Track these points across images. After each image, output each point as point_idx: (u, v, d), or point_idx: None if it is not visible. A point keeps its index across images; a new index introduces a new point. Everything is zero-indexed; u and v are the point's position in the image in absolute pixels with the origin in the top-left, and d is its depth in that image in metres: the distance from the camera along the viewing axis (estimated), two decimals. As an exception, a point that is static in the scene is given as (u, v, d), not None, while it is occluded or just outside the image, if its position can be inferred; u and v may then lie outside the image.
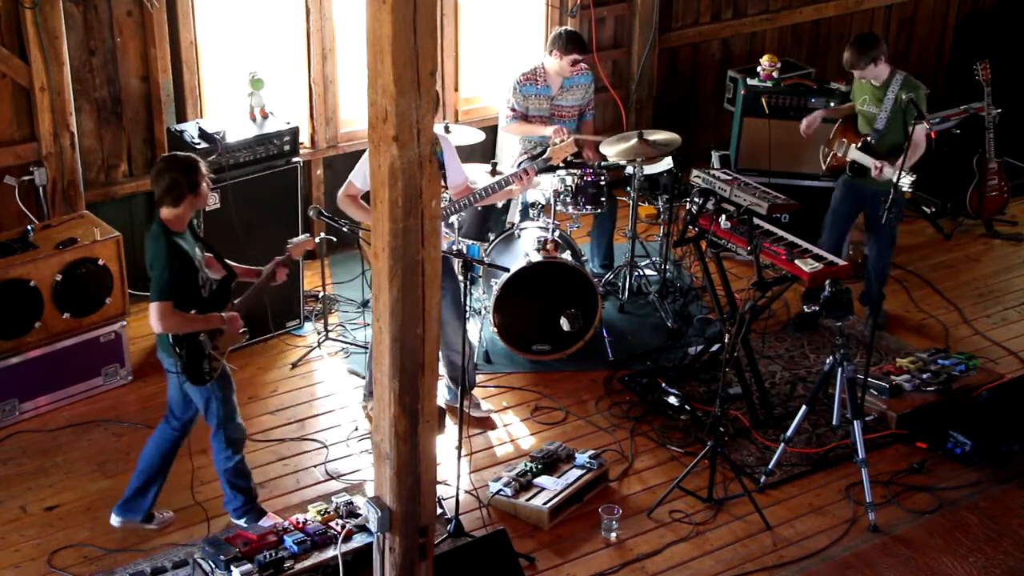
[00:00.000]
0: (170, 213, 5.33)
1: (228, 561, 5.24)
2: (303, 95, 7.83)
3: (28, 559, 5.68)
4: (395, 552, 4.54)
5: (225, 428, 5.64)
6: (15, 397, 6.51)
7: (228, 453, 5.70)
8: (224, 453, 5.70)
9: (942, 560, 5.83)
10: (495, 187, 6.52)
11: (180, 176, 5.28)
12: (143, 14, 7.15)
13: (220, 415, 5.60)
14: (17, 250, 6.52)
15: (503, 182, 6.54)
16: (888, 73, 7.06)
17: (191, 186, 5.31)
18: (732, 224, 6.61)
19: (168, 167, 5.32)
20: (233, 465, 5.73)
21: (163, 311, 5.28)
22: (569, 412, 6.80)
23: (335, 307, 7.65)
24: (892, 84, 7.02)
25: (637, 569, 5.75)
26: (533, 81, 7.66)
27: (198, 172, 5.35)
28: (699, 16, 9.28)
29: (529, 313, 7.03)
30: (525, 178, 6.58)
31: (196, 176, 5.33)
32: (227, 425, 5.64)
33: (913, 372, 6.92)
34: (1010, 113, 9.14)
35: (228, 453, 5.70)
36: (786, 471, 6.34)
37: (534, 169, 6.70)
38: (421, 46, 3.90)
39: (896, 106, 7.00)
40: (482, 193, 6.50)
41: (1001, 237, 8.82)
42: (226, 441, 5.67)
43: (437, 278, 4.27)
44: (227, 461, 5.72)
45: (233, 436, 5.68)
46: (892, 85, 7.02)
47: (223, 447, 5.69)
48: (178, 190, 5.28)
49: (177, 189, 5.28)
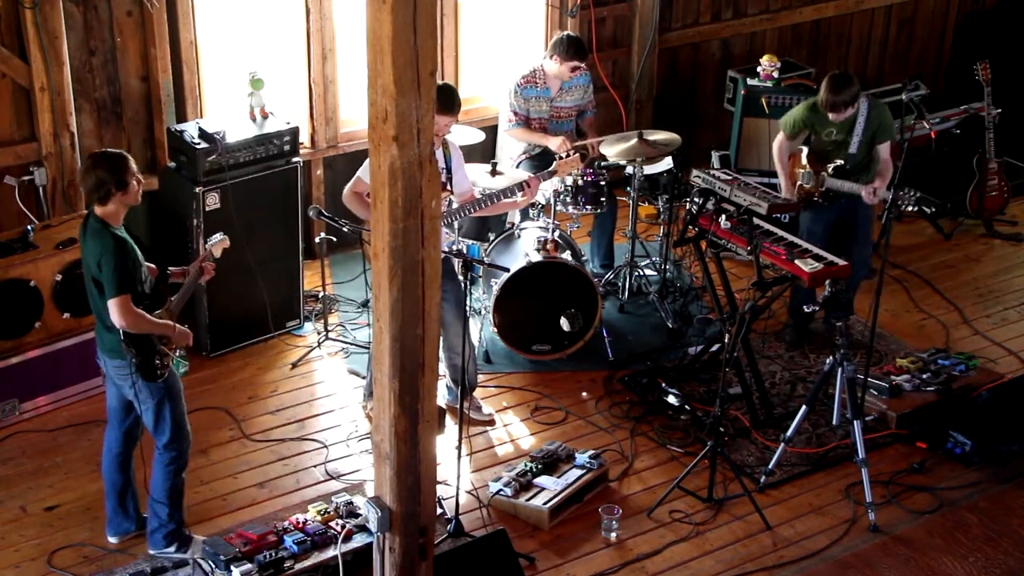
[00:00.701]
0: (103, 211, 5.25)
1: (228, 561, 5.25)
2: (303, 95, 7.83)
3: (28, 559, 5.68)
4: (395, 552, 4.54)
5: (175, 437, 5.46)
6: (15, 397, 6.51)
7: (174, 468, 5.50)
8: (170, 468, 5.49)
9: (942, 560, 5.83)
10: (498, 196, 6.52)
11: (106, 175, 5.18)
12: (143, 14, 7.15)
13: (172, 422, 5.42)
14: (17, 250, 6.52)
15: (508, 192, 6.55)
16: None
17: (119, 184, 5.20)
18: (732, 224, 6.61)
19: (95, 165, 5.22)
20: (178, 483, 5.54)
21: (125, 305, 5.17)
22: (569, 412, 6.80)
23: (335, 307, 7.65)
24: (860, 111, 6.99)
25: (637, 569, 5.75)
26: (532, 83, 7.66)
27: (126, 170, 5.23)
28: (699, 16, 9.28)
29: (529, 313, 7.03)
30: (528, 191, 6.60)
31: (124, 175, 5.22)
32: (177, 433, 5.47)
33: (913, 372, 6.92)
34: (1010, 113, 9.14)
35: (174, 468, 5.50)
36: (786, 471, 6.34)
37: (538, 181, 6.73)
38: (421, 46, 3.90)
39: (868, 129, 7.00)
40: (485, 202, 6.50)
41: (1001, 237, 8.82)
42: (175, 455, 5.48)
43: (437, 278, 4.28)
44: (173, 477, 5.51)
45: (181, 447, 5.50)
46: (860, 113, 6.99)
47: (169, 461, 5.49)
48: (104, 188, 5.18)
49: (103, 187, 5.18)
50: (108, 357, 5.42)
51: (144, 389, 5.38)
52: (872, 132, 7.00)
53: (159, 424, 5.45)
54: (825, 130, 7.07)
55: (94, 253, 5.23)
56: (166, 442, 5.48)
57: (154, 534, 5.60)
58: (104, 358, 5.46)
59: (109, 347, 5.39)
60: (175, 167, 6.94)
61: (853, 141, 7.01)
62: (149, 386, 5.38)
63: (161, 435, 5.47)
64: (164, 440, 5.48)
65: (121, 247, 5.21)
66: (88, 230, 5.28)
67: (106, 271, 5.18)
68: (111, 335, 5.34)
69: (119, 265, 5.17)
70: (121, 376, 5.42)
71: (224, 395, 6.84)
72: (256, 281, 7.01)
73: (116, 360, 5.38)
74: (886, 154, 7.03)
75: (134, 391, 5.37)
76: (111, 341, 5.35)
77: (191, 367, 6.96)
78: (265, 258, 7.05)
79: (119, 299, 5.18)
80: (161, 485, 5.53)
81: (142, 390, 5.38)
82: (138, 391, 5.38)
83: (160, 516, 5.57)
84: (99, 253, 5.20)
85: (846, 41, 9.97)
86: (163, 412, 5.44)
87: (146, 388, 5.38)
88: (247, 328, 7.20)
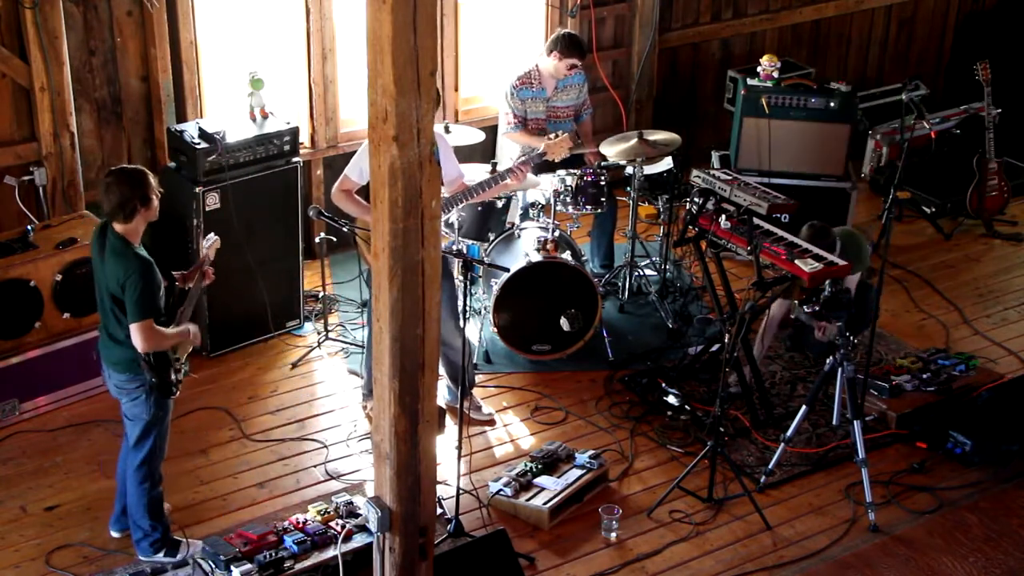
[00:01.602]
0: (124, 228, 5.16)
1: (228, 561, 5.25)
2: (303, 95, 7.83)
3: (28, 559, 5.68)
4: (395, 552, 4.54)
5: (150, 457, 5.42)
6: (15, 397, 6.51)
7: (148, 485, 5.46)
8: (145, 486, 5.44)
9: (942, 560, 5.83)
10: (490, 183, 6.52)
11: (129, 191, 5.11)
12: (143, 14, 7.15)
13: (153, 442, 5.39)
14: (17, 250, 6.52)
15: (498, 177, 6.55)
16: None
17: (143, 200, 5.15)
18: (732, 224, 6.60)
19: (117, 181, 5.12)
20: (156, 496, 5.50)
21: (149, 329, 5.11)
22: (569, 412, 6.80)
23: (335, 307, 7.65)
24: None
25: (637, 569, 5.75)
26: (528, 84, 7.66)
27: (148, 185, 5.17)
28: (699, 16, 9.28)
29: (529, 313, 7.03)
30: (520, 173, 6.58)
31: (147, 190, 5.16)
32: (154, 454, 5.43)
33: (913, 372, 6.92)
34: (1010, 113, 9.14)
35: (148, 485, 5.46)
36: (786, 471, 6.34)
37: (529, 164, 6.71)
38: (421, 46, 3.90)
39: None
40: (478, 189, 6.49)
41: (1001, 237, 8.82)
42: (147, 472, 5.43)
43: (437, 278, 4.28)
44: (149, 492, 5.47)
45: (154, 466, 5.46)
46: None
47: (143, 479, 5.43)
48: (129, 205, 5.11)
49: (129, 205, 5.11)
50: (113, 371, 5.35)
51: (143, 406, 5.34)
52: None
53: (141, 442, 5.41)
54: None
55: (117, 274, 5.13)
56: (141, 460, 5.43)
57: (140, 543, 5.59)
58: (109, 371, 5.39)
59: (115, 360, 5.32)
60: (175, 167, 6.93)
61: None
62: (148, 404, 5.33)
63: (139, 451, 5.42)
64: (141, 456, 5.42)
65: (148, 269, 5.13)
66: (108, 248, 5.18)
67: (131, 295, 5.09)
68: (119, 349, 5.28)
69: (145, 289, 5.10)
70: (121, 391, 5.37)
71: (224, 395, 6.84)
72: (256, 281, 7.01)
73: (122, 375, 5.32)
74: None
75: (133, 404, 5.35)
76: (117, 355, 5.30)
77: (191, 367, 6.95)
78: (265, 258, 7.05)
79: (143, 323, 5.11)
80: (138, 502, 5.49)
81: (139, 406, 5.34)
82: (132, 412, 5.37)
83: (143, 527, 5.54)
84: (124, 275, 5.11)
85: (846, 41, 9.97)
86: (150, 431, 5.40)
87: (144, 405, 5.33)
88: (247, 328, 7.20)
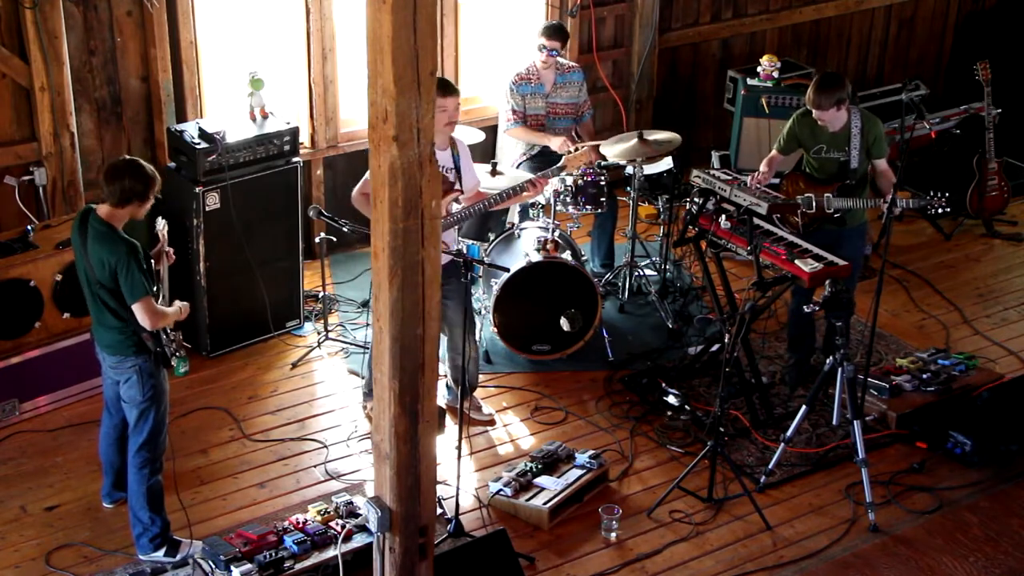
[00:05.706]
0: (110, 212, 5.29)
1: (228, 561, 5.25)
2: (303, 95, 7.83)
3: (28, 559, 5.68)
4: (395, 552, 4.54)
5: (151, 439, 5.47)
6: (15, 397, 6.51)
7: (148, 471, 5.49)
8: (144, 471, 5.49)
9: (942, 560, 5.83)
10: (508, 193, 6.52)
11: (137, 185, 5.26)
12: (143, 14, 7.15)
13: (153, 423, 5.44)
14: (17, 250, 6.52)
15: (517, 188, 6.54)
16: (847, 116, 6.67)
17: (143, 197, 5.31)
18: (732, 224, 6.61)
19: (130, 172, 5.27)
20: (153, 484, 5.52)
21: (149, 305, 5.26)
22: (569, 412, 6.80)
23: (335, 307, 7.65)
24: (853, 124, 6.67)
25: (637, 569, 5.75)
26: (527, 80, 7.68)
27: (153, 189, 5.34)
28: (699, 16, 9.28)
29: (529, 313, 7.03)
30: (539, 185, 6.60)
31: (150, 192, 5.34)
32: (155, 436, 5.47)
33: (913, 372, 6.92)
34: (1010, 113, 9.14)
35: (148, 471, 5.49)
36: (786, 471, 6.34)
37: (548, 178, 6.72)
38: (421, 46, 3.90)
39: (864, 142, 6.68)
40: (496, 199, 6.50)
41: (1001, 237, 8.82)
42: (148, 457, 5.48)
43: (437, 278, 4.28)
44: (149, 478, 5.50)
45: (155, 451, 5.50)
46: (853, 125, 6.67)
47: (143, 463, 5.48)
48: (130, 195, 5.26)
49: (128, 194, 5.26)
50: (107, 353, 5.46)
51: (136, 388, 5.41)
52: (867, 146, 6.69)
53: (140, 423, 5.48)
54: (815, 146, 6.75)
55: (104, 257, 5.24)
56: (142, 442, 5.48)
57: (140, 539, 5.59)
58: (103, 354, 5.51)
59: (107, 343, 5.44)
60: (175, 167, 6.93)
61: (853, 156, 6.69)
62: (141, 385, 5.40)
63: (139, 434, 5.48)
64: (141, 439, 5.48)
65: (134, 250, 5.26)
66: (91, 232, 5.28)
67: (126, 276, 5.22)
68: (109, 332, 5.38)
69: (137, 269, 5.23)
70: (116, 371, 5.47)
71: (224, 395, 6.84)
72: (256, 281, 7.01)
73: (113, 356, 5.43)
74: (885, 166, 6.75)
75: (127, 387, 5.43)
76: (109, 337, 5.40)
77: (191, 367, 6.97)
78: (265, 258, 7.05)
79: (143, 301, 5.25)
80: (137, 490, 5.53)
81: (133, 387, 5.42)
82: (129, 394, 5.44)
83: (142, 520, 5.55)
84: (113, 259, 5.22)
85: (846, 41, 9.97)
86: (148, 412, 5.47)
87: (138, 387, 5.41)
88: (247, 328, 7.20)
